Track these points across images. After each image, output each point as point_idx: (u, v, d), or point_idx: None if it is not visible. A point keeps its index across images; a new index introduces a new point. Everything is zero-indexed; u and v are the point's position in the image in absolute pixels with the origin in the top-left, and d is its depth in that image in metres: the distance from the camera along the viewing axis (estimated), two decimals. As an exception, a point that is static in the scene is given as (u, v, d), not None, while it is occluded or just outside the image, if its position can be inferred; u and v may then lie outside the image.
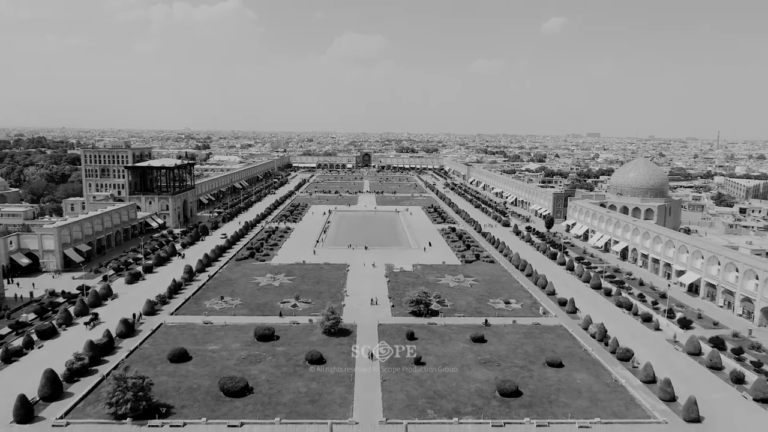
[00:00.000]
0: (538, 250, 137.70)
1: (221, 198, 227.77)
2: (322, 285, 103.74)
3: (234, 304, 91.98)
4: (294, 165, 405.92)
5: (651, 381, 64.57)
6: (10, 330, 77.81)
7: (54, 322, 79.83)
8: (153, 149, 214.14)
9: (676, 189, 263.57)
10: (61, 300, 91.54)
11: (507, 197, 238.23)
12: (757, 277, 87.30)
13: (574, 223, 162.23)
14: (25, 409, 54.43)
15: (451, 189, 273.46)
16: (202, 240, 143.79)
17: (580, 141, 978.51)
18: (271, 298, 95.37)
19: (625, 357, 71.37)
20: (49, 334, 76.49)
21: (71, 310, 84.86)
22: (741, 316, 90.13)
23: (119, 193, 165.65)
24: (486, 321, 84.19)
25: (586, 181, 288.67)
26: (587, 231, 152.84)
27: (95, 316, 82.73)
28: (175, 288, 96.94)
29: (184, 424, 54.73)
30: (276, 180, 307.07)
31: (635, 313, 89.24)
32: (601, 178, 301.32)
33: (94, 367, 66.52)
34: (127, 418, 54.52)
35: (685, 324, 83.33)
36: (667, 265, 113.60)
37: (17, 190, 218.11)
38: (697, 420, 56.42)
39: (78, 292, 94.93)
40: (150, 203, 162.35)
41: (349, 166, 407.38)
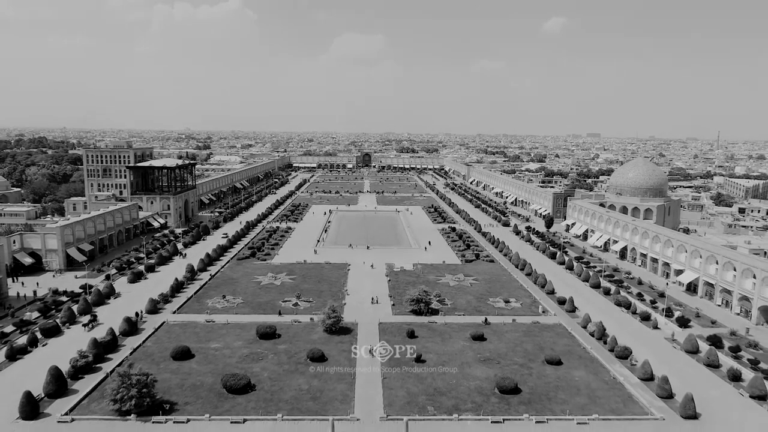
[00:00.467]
0: (537, 249, 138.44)
1: (222, 198, 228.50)
2: (323, 284, 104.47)
3: (236, 302, 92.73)
4: (294, 165, 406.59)
5: (649, 378, 65.30)
6: (15, 328, 78.54)
7: (58, 321, 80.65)
8: (154, 149, 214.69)
9: (675, 189, 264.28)
10: (64, 299, 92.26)
11: (507, 197, 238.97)
12: (755, 276, 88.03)
13: (573, 223, 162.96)
14: (31, 406, 55.18)
15: (452, 189, 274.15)
16: (204, 239, 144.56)
17: (581, 141, 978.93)
18: (273, 297, 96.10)
19: (624, 355, 72.07)
20: (53, 332, 77.28)
21: (75, 308, 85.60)
22: (739, 314, 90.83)
23: (121, 192, 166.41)
24: (486, 320, 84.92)
25: (585, 181, 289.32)
26: (587, 231, 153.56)
27: (94, 318, 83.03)
28: (178, 287, 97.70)
29: (188, 420, 55.48)
30: (277, 180, 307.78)
31: (634, 312, 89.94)
32: (601, 178, 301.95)
33: (97, 365, 67.27)
34: (132, 415, 55.28)
35: (683, 322, 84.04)
36: (666, 264, 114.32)
37: (19, 189, 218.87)
38: (694, 417, 57.14)
39: (81, 290, 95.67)
40: (152, 203, 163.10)
41: (350, 166, 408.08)
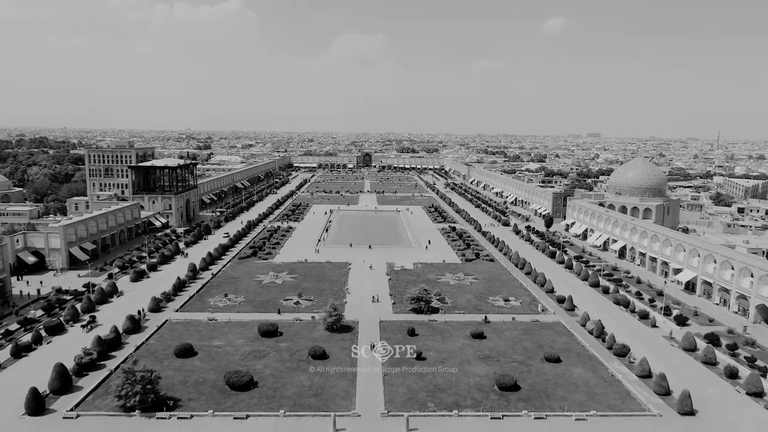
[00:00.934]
0: (537, 248, 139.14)
1: (223, 198, 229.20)
2: (324, 283, 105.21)
3: (237, 301, 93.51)
4: (295, 165, 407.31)
5: (646, 376, 66.02)
6: (19, 326, 79.36)
7: (62, 319, 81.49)
8: (155, 149, 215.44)
9: (675, 189, 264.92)
10: (67, 297, 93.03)
11: (507, 197, 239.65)
12: (752, 275, 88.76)
13: (573, 223, 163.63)
14: (37, 402, 55.96)
15: (452, 189, 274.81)
16: (205, 239, 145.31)
17: (581, 141, 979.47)
18: (274, 295, 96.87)
19: (622, 353, 72.80)
20: (57, 330, 78.05)
21: (78, 306, 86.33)
22: (736, 313, 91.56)
23: (123, 192, 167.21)
24: (486, 318, 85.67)
25: (585, 181, 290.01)
26: (586, 230, 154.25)
27: (93, 319, 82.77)
28: (180, 285, 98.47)
29: (192, 416, 56.27)
30: (277, 180, 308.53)
31: (632, 311, 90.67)
32: (601, 178, 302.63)
33: (102, 362, 68.04)
34: (136, 411, 56.04)
35: (681, 321, 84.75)
36: (665, 263, 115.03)
37: (21, 189, 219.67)
38: (691, 413, 57.90)
39: (84, 289, 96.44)
40: (153, 203, 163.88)
41: (350, 166, 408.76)
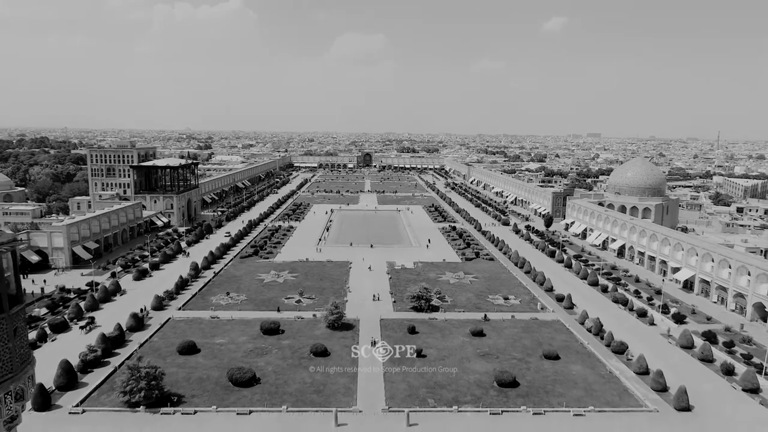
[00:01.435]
0: (537, 248, 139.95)
1: (224, 197, 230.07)
2: (325, 282, 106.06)
3: (239, 299, 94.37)
4: (295, 165, 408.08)
5: (644, 372, 66.88)
6: (24, 324, 80.00)
7: (66, 317, 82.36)
8: (156, 149, 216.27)
9: (675, 189, 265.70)
10: (71, 295, 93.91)
11: (507, 197, 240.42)
12: (749, 274, 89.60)
13: (572, 222, 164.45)
14: (43, 398, 56.86)
15: (452, 188, 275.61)
16: (207, 238, 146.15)
17: (581, 141, 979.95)
18: (276, 294, 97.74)
19: (620, 350, 73.65)
20: (61, 327, 78.97)
21: (82, 305, 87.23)
22: (734, 311, 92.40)
23: (125, 192, 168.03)
24: (485, 316, 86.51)
25: (585, 180, 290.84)
26: (585, 229, 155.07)
27: (92, 320, 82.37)
28: (182, 284, 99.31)
29: (195, 411, 57.14)
30: (278, 180, 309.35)
31: (631, 309, 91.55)
32: (601, 177, 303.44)
33: (106, 359, 68.96)
34: (141, 406, 56.90)
35: (678, 319, 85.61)
36: (663, 262, 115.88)
37: (23, 189, 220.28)
38: (687, 409, 58.75)
39: (87, 288, 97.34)
40: (155, 202, 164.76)
41: (351, 165, 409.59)
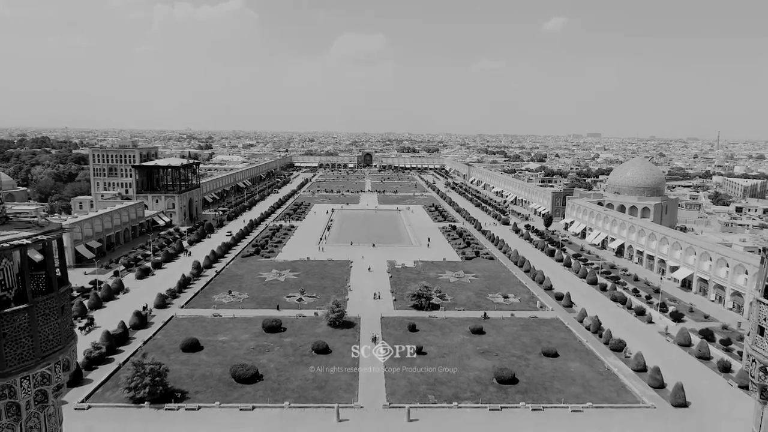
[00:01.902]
0: (536, 247, 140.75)
1: (225, 197, 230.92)
2: (326, 280, 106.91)
3: (241, 298, 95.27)
4: (296, 165, 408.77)
5: (642, 369, 67.71)
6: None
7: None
8: (157, 149, 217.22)
9: (674, 188, 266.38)
10: (75, 294, 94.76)
11: (507, 196, 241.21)
12: (747, 272, 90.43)
13: (572, 222, 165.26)
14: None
15: (452, 188, 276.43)
16: (208, 237, 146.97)
17: (581, 141, 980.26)
18: (277, 292, 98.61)
19: (618, 347, 74.49)
20: (65, 325, 79.71)
21: (86, 303, 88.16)
22: (731, 309, 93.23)
23: (127, 191, 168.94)
24: (485, 314, 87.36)
25: (585, 180, 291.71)
26: (585, 229, 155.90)
27: (91, 321, 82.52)
28: (185, 283, 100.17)
29: (199, 407, 58.03)
30: (279, 179, 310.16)
31: (629, 307, 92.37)
32: (600, 177, 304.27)
33: (110, 356, 69.90)
34: (145, 402, 57.78)
35: (676, 317, 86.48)
36: (662, 261, 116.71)
37: (25, 189, 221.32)
38: (684, 405, 59.60)
39: (91, 286, 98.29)
40: (157, 202, 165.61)
41: (351, 165, 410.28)
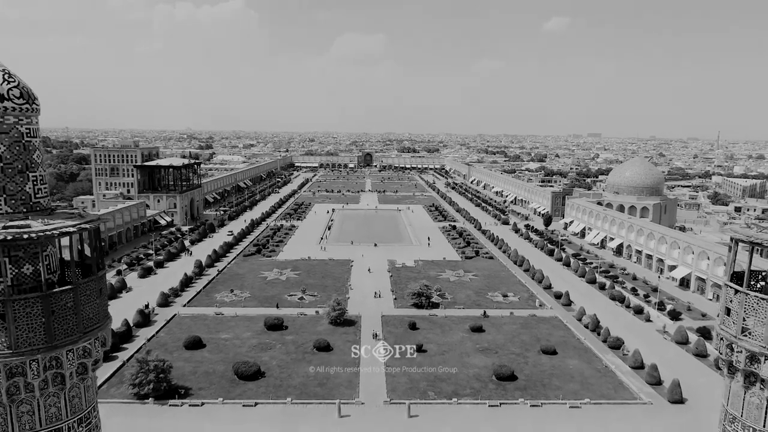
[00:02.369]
0: (536, 246, 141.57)
1: (226, 197, 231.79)
2: (327, 279, 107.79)
3: (243, 296, 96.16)
4: (296, 165, 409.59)
5: (639, 367, 68.53)
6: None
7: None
8: (159, 149, 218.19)
9: (674, 188, 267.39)
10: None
11: (507, 196, 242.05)
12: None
13: (571, 221, 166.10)
14: (55, 390, 58.50)
15: (452, 188, 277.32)
16: (210, 237, 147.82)
17: (581, 141, 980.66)
18: (279, 291, 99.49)
19: (616, 345, 75.34)
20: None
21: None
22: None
23: (128, 191, 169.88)
24: (485, 312, 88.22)
25: (585, 180, 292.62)
26: (584, 228, 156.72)
27: None
28: (187, 281, 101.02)
29: (203, 403, 58.89)
30: (279, 179, 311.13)
31: (627, 306, 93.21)
32: (600, 177, 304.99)
33: (114, 353, 70.61)
34: (150, 398, 58.62)
35: (674, 315, 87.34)
36: (660, 260, 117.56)
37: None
38: (680, 401, 60.45)
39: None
40: (158, 201, 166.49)
41: (351, 165, 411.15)
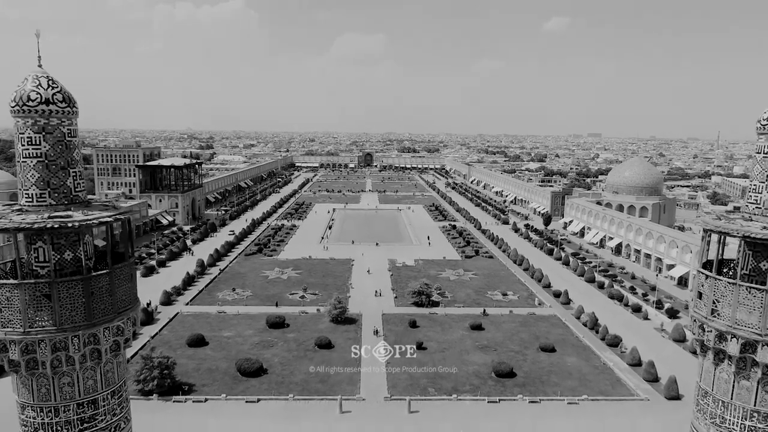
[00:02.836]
0: (535, 246, 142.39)
1: (227, 196, 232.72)
2: (328, 278, 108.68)
3: (245, 295, 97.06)
4: (297, 165, 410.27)
5: (637, 364, 69.42)
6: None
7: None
8: (160, 149, 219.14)
9: (673, 188, 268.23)
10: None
11: (507, 196, 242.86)
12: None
13: (571, 221, 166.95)
14: (60, 386, 59.40)
15: (452, 188, 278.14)
16: (211, 236, 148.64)
17: (581, 141, 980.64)
18: (280, 290, 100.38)
19: (614, 343, 76.23)
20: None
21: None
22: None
23: (130, 191, 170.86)
24: (484, 311, 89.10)
25: (584, 180, 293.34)
26: (583, 228, 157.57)
27: None
28: (189, 280, 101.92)
29: (206, 399, 59.82)
30: (280, 179, 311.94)
31: (626, 304, 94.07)
32: (600, 177, 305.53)
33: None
34: (154, 394, 59.53)
35: (672, 314, 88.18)
36: (659, 259, 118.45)
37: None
38: (677, 397, 61.35)
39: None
40: (160, 201, 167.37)
41: (352, 165, 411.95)
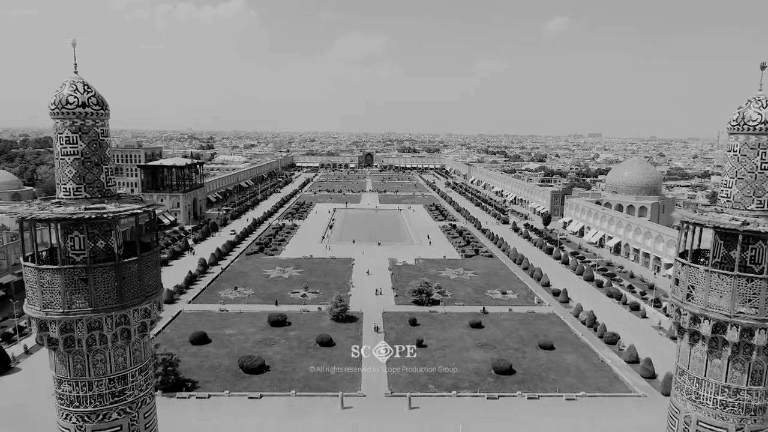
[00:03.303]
0: (535, 245, 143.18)
1: (228, 196, 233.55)
2: (329, 277, 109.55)
3: (247, 293, 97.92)
4: (297, 165, 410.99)
5: (634, 361, 70.21)
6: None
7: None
8: (161, 149, 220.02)
9: (673, 188, 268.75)
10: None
11: (507, 196, 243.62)
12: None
13: (570, 220, 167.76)
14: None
15: (453, 188, 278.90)
16: (213, 236, 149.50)
17: (582, 141, 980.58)
18: (282, 288, 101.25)
19: (612, 341, 77.04)
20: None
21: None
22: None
23: (132, 191, 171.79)
24: (484, 309, 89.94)
25: (584, 180, 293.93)
26: (583, 227, 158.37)
27: None
28: (191, 279, 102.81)
29: (209, 396, 60.72)
30: (280, 179, 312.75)
31: (624, 303, 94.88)
32: (600, 177, 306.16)
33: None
34: (158, 391, 60.08)
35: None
36: (657, 258, 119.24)
37: (31, 188, 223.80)
38: (674, 394, 62.11)
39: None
40: (162, 201, 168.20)
41: (352, 165, 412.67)
